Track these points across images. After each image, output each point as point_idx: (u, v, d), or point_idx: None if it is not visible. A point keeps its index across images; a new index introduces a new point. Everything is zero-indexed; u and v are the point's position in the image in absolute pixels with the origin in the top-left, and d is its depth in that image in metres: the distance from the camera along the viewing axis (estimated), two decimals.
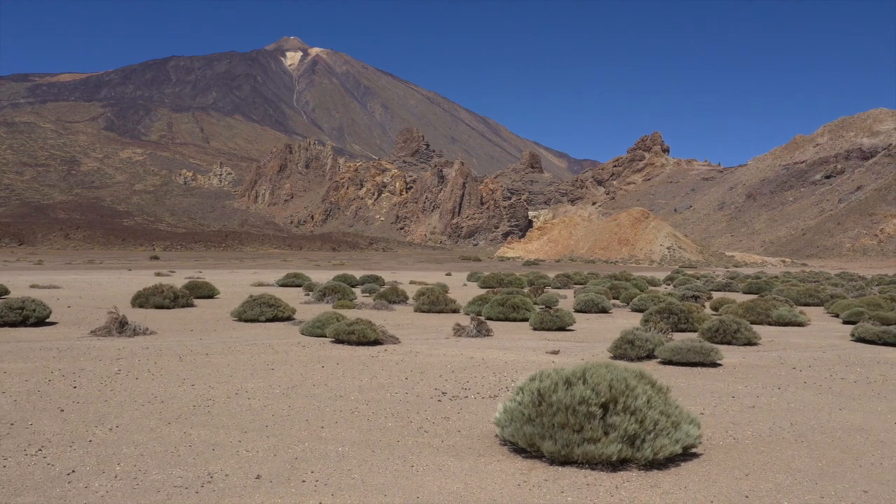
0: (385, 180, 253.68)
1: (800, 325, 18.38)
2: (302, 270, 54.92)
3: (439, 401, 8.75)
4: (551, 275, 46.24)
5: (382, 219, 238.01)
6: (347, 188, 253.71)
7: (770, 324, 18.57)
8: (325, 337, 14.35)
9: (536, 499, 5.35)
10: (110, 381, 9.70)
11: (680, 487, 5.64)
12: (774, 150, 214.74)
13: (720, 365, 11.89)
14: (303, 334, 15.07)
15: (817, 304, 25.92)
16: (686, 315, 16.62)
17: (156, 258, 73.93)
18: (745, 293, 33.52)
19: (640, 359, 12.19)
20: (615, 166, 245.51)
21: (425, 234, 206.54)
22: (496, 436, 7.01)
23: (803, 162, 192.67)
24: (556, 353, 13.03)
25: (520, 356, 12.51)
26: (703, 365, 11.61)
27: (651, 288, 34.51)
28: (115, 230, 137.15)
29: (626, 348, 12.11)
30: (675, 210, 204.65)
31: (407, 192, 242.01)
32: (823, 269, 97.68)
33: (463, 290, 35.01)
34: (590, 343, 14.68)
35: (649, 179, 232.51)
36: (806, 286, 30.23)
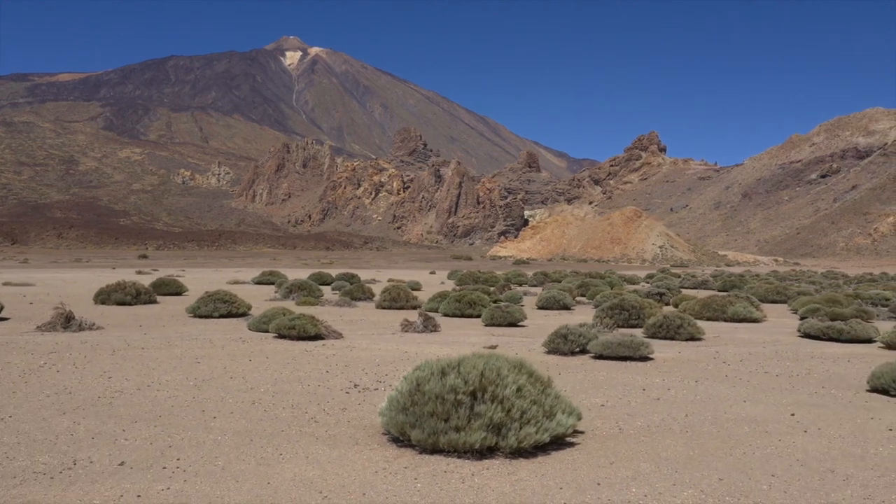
0: (382, 180, 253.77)
1: (755, 321, 18.44)
2: (290, 269, 55.04)
3: (347, 393, 8.81)
4: (531, 273, 46.33)
5: (380, 218, 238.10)
6: (345, 187, 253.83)
7: (726, 320, 18.63)
8: (269, 332, 14.40)
9: (386, 485, 5.41)
10: (31, 374, 9.75)
11: (537, 475, 5.68)
12: (770, 150, 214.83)
13: (651, 359, 11.94)
14: (249, 329, 15.13)
15: (783, 302, 26.02)
16: (638, 311, 16.68)
17: (144, 257, 74.01)
18: (719, 290, 33.58)
19: (573, 353, 12.26)
20: (612, 166, 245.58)
21: (422, 234, 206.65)
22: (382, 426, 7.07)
23: (799, 161, 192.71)
24: (494, 347, 13.08)
25: (455, 351, 12.54)
26: (632, 359, 11.66)
27: (628, 286, 34.56)
28: (109, 229, 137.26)
29: (559, 343, 12.17)
30: (672, 209, 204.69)
31: (404, 192, 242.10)
32: (815, 268, 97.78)
33: (440, 287, 35.02)
34: (534, 338, 14.72)
35: (646, 179, 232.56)
36: (774, 284, 30.30)
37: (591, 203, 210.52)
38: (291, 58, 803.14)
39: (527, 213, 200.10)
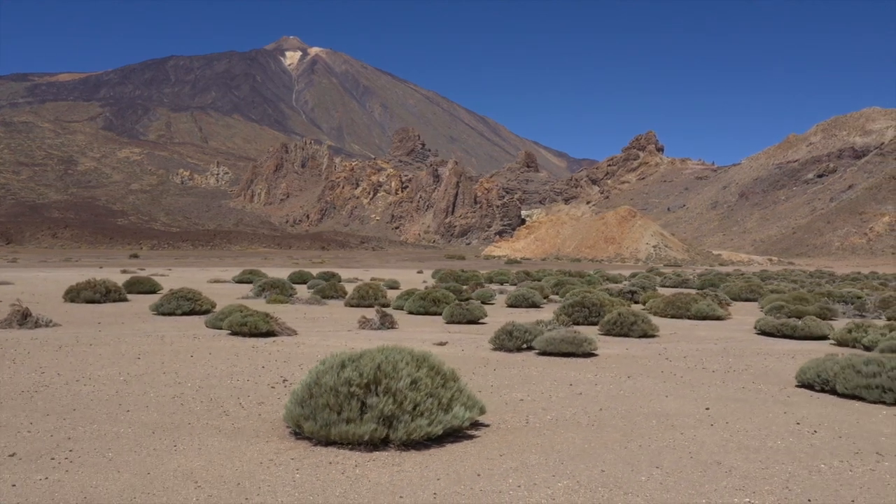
0: (381, 179, 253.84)
1: (719, 318, 18.48)
2: (277, 268, 55.07)
3: (273, 387, 8.85)
4: (515, 272, 46.33)
5: (378, 218, 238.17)
6: (343, 187, 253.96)
7: (690, 317, 18.67)
8: (223, 329, 14.46)
9: (265, 476, 5.45)
10: None
11: (421, 466, 5.73)
12: (768, 150, 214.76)
13: (596, 355, 12.00)
14: (207, 326, 15.18)
15: (755, 300, 26.05)
16: (598, 309, 16.72)
17: (135, 256, 74.04)
18: (698, 289, 33.63)
19: (519, 349, 12.31)
20: (610, 165, 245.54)
21: (419, 234, 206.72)
22: None
23: (796, 161, 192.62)
24: (443, 344, 13.13)
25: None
26: (575, 355, 11.71)
27: (610, 284, 34.60)
28: (104, 229, 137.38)
29: (505, 339, 12.22)
30: (669, 209, 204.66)
31: (402, 192, 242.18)
32: (809, 267, 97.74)
33: (421, 286, 35.11)
34: (489, 336, 14.73)
35: (643, 178, 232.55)
36: (749, 283, 30.36)
37: (588, 203, 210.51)
38: (291, 58, 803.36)
39: (524, 212, 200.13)
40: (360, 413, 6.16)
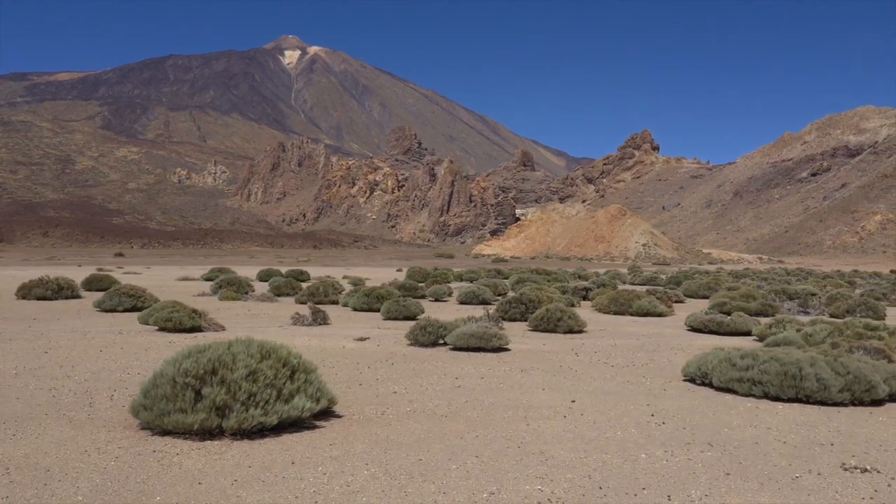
0: (377, 178, 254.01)
1: (660, 315, 18.60)
2: (257, 267, 55.08)
3: None
4: (486, 270, 46.47)
5: (374, 217, 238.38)
6: (339, 186, 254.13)
7: (632, 314, 18.79)
8: (151, 325, 14.58)
9: (81, 463, 5.56)
10: None
11: (243, 455, 5.84)
12: (763, 148, 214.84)
13: (507, 350, 12.12)
14: (139, 323, 15.30)
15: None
16: (535, 305, 16.84)
17: (120, 255, 74.21)
18: (665, 286, 33.72)
19: (433, 344, 12.42)
20: (605, 164, 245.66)
21: (414, 233, 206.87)
22: None
23: (790, 160, 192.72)
24: (364, 339, 13.25)
25: (321, 343, 12.71)
26: (484, 350, 11.82)
27: (581, 282, 34.70)
28: (96, 228, 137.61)
29: (419, 334, 12.34)
30: (664, 208, 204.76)
31: (399, 191, 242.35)
32: (800, 265, 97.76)
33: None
34: None
35: (639, 177, 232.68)
36: (707, 280, 30.51)
37: (584, 202, 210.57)
38: (290, 57, 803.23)
39: (518, 211, 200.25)
40: (195, 403, 6.28)
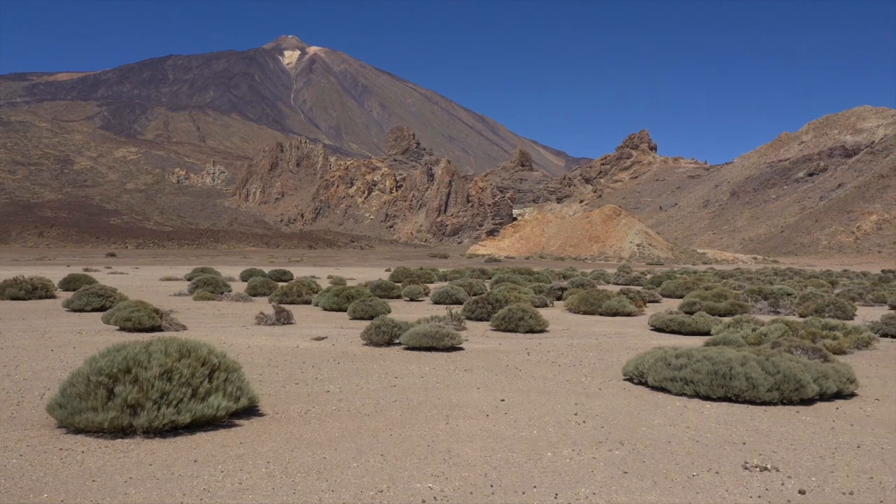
0: (375, 178, 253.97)
1: (629, 314, 18.64)
2: (245, 266, 55.09)
3: None
4: (472, 269, 46.52)
5: (372, 217, 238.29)
6: (337, 186, 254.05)
7: (601, 314, 18.84)
8: (112, 325, 14.62)
9: None
10: None
11: (149, 453, 5.88)
12: (760, 148, 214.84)
13: (461, 349, 12.16)
14: (104, 323, 15.34)
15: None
16: (502, 304, 16.88)
17: (112, 255, 74.30)
18: (646, 286, 33.82)
19: (387, 344, 12.47)
20: (603, 164, 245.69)
21: (412, 233, 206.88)
22: None
23: (787, 159, 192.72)
24: (321, 339, 13.29)
25: (276, 342, 12.75)
26: (437, 349, 11.87)
27: (561, 282, 34.75)
28: (92, 228, 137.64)
29: (373, 334, 12.39)
30: (661, 208, 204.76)
31: (397, 191, 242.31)
32: (794, 265, 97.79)
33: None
34: None
35: (636, 177, 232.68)
36: (687, 280, 30.55)
37: (581, 202, 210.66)
38: (290, 57, 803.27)
39: (516, 211, 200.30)
40: (107, 401, 6.32)
